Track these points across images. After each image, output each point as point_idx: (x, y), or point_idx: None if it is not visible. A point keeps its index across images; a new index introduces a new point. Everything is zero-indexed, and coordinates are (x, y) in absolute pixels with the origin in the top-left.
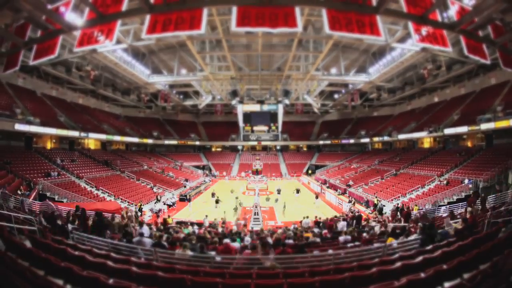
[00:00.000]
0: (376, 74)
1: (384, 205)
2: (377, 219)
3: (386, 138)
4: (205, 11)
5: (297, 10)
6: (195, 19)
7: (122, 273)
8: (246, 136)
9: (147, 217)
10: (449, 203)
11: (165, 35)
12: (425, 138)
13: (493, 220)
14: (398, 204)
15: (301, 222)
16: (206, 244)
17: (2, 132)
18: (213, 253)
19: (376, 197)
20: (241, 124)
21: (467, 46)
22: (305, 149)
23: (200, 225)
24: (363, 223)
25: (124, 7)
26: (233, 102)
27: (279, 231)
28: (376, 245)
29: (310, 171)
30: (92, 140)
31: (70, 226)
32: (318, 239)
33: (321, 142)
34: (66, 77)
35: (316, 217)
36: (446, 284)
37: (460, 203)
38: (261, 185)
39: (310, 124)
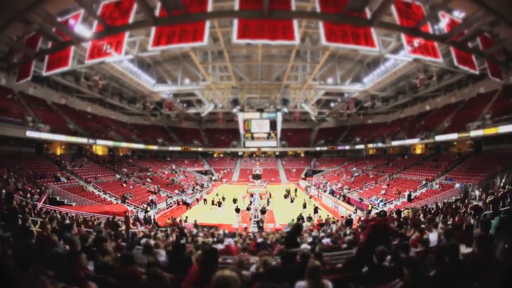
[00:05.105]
0: (370, 83)
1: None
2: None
3: (380, 145)
4: (207, 24)
5: (295, 23)
6: (198, 31)
7: None
8: (247, 142)
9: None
10: None
11: (170, 47)
12: (417, 145)
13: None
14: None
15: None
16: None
17: (14, 139)
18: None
19: (371, 201)
20: (241, 131)
21: (457, 57)
22: (303, 155)
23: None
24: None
25: (131, 19)
26: (234, 110)
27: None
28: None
29: (305, 176)
30: (100, 147)
31: None
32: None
33: (318, 149)
34: (75, 87)
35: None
36: None
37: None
38: (261, 189)
39: (308, 131)
